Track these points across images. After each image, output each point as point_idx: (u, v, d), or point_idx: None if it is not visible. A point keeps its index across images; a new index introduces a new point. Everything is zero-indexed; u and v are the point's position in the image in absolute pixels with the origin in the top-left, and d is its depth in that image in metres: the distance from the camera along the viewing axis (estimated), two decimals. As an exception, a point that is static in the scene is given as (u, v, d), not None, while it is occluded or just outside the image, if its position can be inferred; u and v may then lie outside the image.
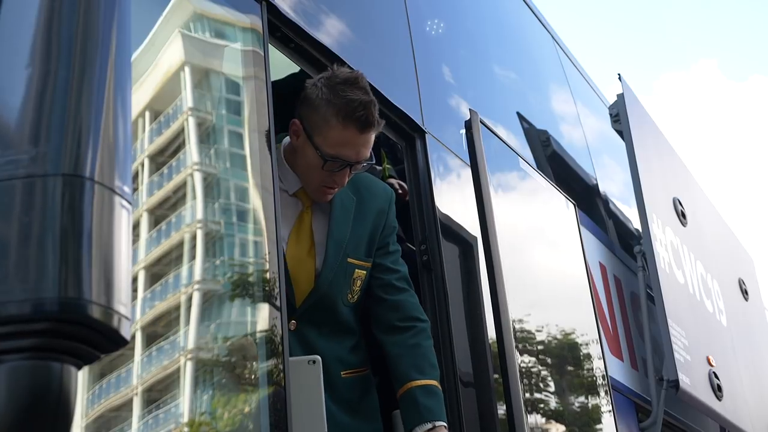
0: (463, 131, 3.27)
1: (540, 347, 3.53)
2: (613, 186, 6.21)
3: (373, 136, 2.62)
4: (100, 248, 1.12)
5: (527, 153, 4.54)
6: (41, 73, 1.17)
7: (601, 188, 5.80)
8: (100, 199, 1.14)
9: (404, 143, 3.24)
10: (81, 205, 1.12)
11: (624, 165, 5.51)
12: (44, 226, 1.10)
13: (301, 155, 2.62)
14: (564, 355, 3.79)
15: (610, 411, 3.88)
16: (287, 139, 2.70)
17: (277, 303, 2.10)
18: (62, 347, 1.08)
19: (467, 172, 3.30)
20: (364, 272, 2.76)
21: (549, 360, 3.62)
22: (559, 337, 3.74)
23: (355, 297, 2.75)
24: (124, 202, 1.18)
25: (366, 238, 2.77)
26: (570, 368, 3.83)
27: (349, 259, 2.71)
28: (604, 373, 3.93)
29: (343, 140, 2.54)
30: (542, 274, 3.80)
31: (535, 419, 3.23)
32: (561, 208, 4.00)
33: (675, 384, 4.74)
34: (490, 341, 3.17)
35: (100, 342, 1.12)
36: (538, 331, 3.49)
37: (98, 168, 1.15)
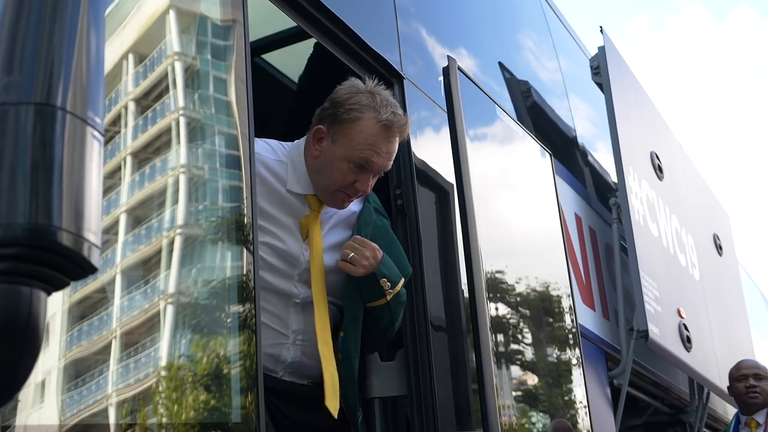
0: (441, 78, 3.28)
1: (512, 295, 3.57)
2: (592, 138, 6.24)
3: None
4: (71, 177, 1.13)
5: (507, 102, 4.55)
6: (15, 1, 1.18)
7: (580, 140, 5.83)
8: (72, 128, 1.15)
9: (382, 88, 3.23)
10: (52, 135, 1.13)
11: (603, 118, 5.54)
12: (15, 153, 1.11)
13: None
14: (536, 304, 3.83)
15: (579, 359, 3.94)
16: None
17: (251, 248, 2.12)
18: (31, 272, 1.09)
19: (444, 119, 3.31)
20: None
21: (520, 308, 3.66)
22: (531, 285, 3.78)
23: None
24: (96, 133, 1.19)
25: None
26: (541, 316, 3.88)
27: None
28: (575, 322, 3.99)
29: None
30: (516, 222, 3.83)
31: (505, 365, 3.28)
32: (537, 158, 4.02)
33: (644, 334, 4.83)
34: (463, 287, 3.20)
35: (70, 268, 1.13)
36: (510, 278, 3.53)
37: (70, 98, 1.16)
